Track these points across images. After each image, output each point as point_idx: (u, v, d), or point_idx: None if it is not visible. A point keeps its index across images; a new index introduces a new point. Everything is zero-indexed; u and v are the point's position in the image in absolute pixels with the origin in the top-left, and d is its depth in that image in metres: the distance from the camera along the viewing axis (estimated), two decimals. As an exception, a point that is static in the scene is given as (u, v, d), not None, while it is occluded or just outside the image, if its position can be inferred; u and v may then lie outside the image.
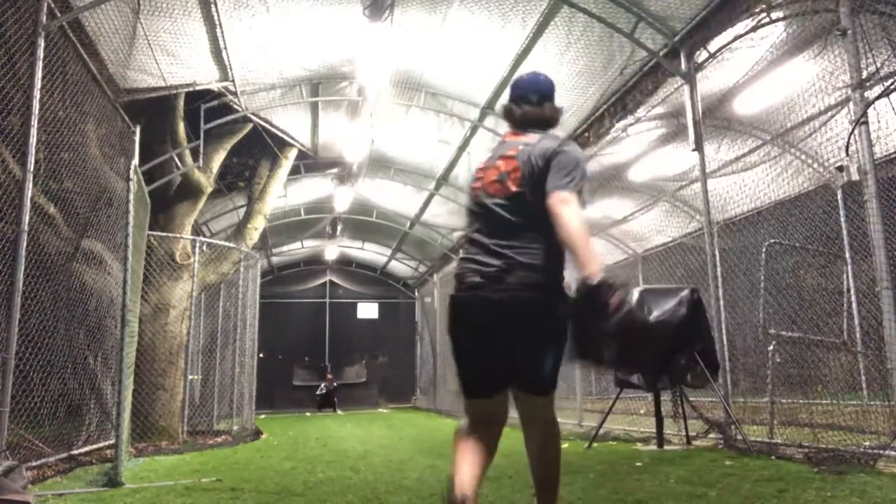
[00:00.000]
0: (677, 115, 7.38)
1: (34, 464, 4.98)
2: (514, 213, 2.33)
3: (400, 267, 19.60)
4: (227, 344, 10.52)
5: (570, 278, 2.32)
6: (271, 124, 9.62)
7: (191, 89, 7.85)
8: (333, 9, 6.87)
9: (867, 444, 4.50)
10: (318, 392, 18.17)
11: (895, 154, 7.12)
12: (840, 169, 4.89)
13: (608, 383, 8.68)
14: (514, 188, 2.34)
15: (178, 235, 8.45)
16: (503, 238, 2.32)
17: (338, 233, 16.31)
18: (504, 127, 2.69)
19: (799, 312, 6.66)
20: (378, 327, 20.84)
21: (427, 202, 13.26)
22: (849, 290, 6.61)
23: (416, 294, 20.41)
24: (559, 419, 2.47)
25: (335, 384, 18.32)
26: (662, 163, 9.06)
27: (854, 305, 6.93)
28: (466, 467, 2.23)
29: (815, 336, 6.25)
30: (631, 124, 7.87)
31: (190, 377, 8.56)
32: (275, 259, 18.26)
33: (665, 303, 5.85)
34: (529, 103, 2.57)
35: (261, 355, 13.23)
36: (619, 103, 7.73)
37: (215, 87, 8.02)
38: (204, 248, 8.94)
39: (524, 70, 7.07)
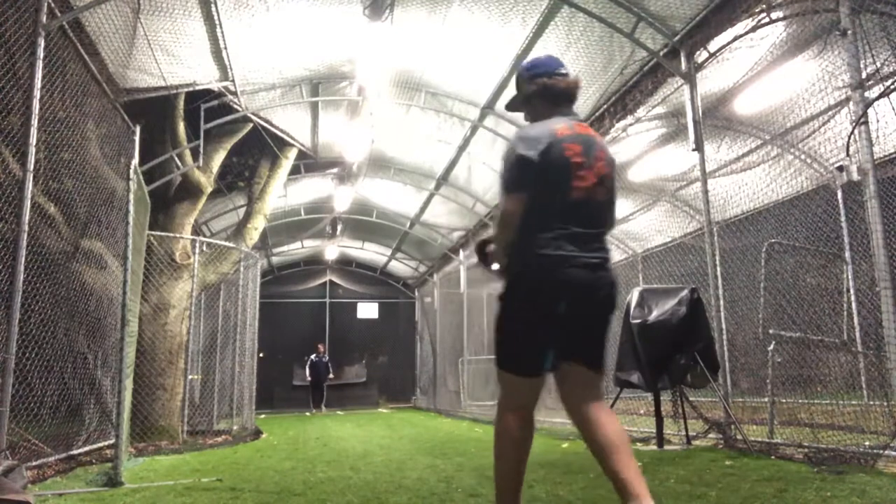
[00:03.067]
0: (677, 115, 7.38)
1: (34, 464, 4.98)
2: (603, 214, 2.50)
3: (400, 267, 19.59)
4: (227, 344, 10.50)
5: None
6: (271, 124, 9.61)
7: (191, 89, 7.85)
8: (333, 9, 6.87)
9: (867, 444, 4.50)
10: (307, 365, 17.30)
11: (895, 154, 7.13)
12: (840, 169, 4.89)
13: (608, 383, 8.67)
14: (608, 194, 2.52)
15: (178, 235, 8.45)
16: (598, 239, 2.47)
17: (338, 233, 16.29)
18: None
19: (799, 312, 6.65)
20: (378, 327, 20.80)
21: (427, 202, 13.26)
22: (849, 290, 6.60)
23: (416, 294, 20.41)
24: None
25: (327, 359, 17.53)
26: (662, 163, 9.04)
27: (854, 305, 6.93)
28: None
29: (815, 336, 6.24)
30: (631, 124, 7.86)
31: (190, 377, 8.56)
32: (275, 259, 18.24)
33: (665, 303, 5.85)
34: (561, 75, 2.53)
35: (261, 355, 13.21)
36: (619, 103, 7.72)
37: (215, 86, 8.02)
38: (204, 247, 8.94)
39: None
